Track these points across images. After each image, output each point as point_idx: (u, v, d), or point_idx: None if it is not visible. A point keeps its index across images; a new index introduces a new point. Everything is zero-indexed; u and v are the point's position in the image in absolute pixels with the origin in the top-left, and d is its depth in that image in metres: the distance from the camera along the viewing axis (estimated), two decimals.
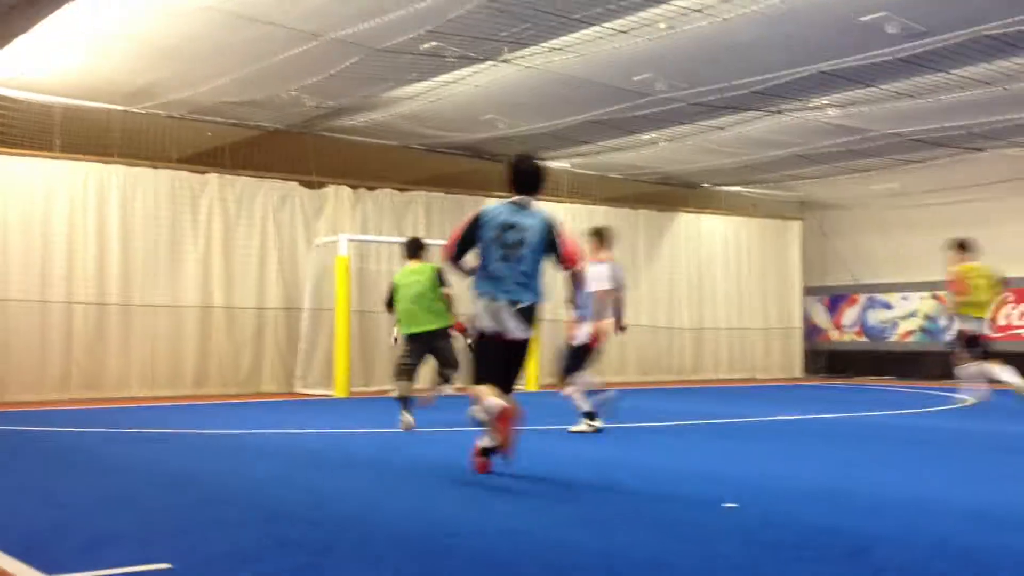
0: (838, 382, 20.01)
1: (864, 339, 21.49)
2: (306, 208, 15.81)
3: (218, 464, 7.43)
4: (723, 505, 5.59)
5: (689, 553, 4.42)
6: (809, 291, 22.05)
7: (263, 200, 15.40)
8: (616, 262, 9.93)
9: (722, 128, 14.81)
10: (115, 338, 14.12)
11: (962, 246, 13.52)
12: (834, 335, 21.97)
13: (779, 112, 13.76)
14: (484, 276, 6.61)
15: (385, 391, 13.89)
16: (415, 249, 10.22)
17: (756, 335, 21.05)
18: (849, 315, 21.72)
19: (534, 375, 16.37)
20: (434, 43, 10.68)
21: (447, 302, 9.87)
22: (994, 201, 18.82)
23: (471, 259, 6.69)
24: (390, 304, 10.09)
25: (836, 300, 21.95)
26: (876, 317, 21.29)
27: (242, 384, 15.01)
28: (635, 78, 11.98)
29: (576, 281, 7.05)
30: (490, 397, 6.33)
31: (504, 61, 11.41)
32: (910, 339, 20.70)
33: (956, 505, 5.64)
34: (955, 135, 15.00)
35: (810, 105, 13.39)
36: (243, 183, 15.26)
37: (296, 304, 15.52)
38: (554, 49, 10.96)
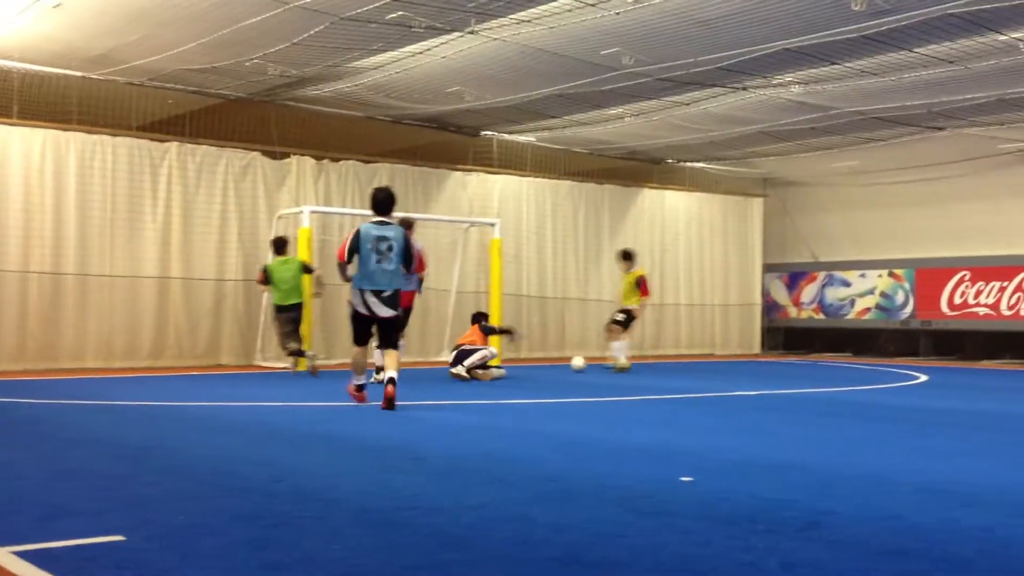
0: (795, 358, 20.24)
1: (822, 316, 21.73)
2: (268, 178, 15.65)
3: (175, 437, 7.38)
4: (679, 479, 5.65)
5: (645, 527, 4.46)
6: (769, 268, 22.23)
7: (224, 169, 15.23)
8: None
9: (687, 104, 14.83)
10: (71, 309, 13.94)
11: (628, 255, 15.54)
12: (792, 312, 22.19)
13: (744, 89, 13.80)
14: (363, 274, 9.22)
15: (344, 363, 13.83)
16: (283, 246, 13.84)
17: (716, 311, 21.22)
18: (808, 292, 21.94)
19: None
20: (401, 13, 10.58)
21: (306, 284, 13.81)
22: (952, 180, 19.06)
23: (351, 268, 9.28)
24: (265, 282, 13.69)
25: (795, 277, 22.16)
26: (834, 294, 21.52)
27: (200, 356, 14.89)
28: (602, 52, 11.95)
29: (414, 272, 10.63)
30: (359, 373, 9.39)
31: (471, 32, 11.33)
32: (867, 316, 20.96)
33: (908, 480, 5.73)
34: (916, 114, 15.13)
35: (774, 82, 13.44)
36: (204, 152, 15.08)
37: (255, 276, 15.36)
38: (522, 21, 10.89)
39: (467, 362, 13.01)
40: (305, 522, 4.46)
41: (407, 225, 11.95)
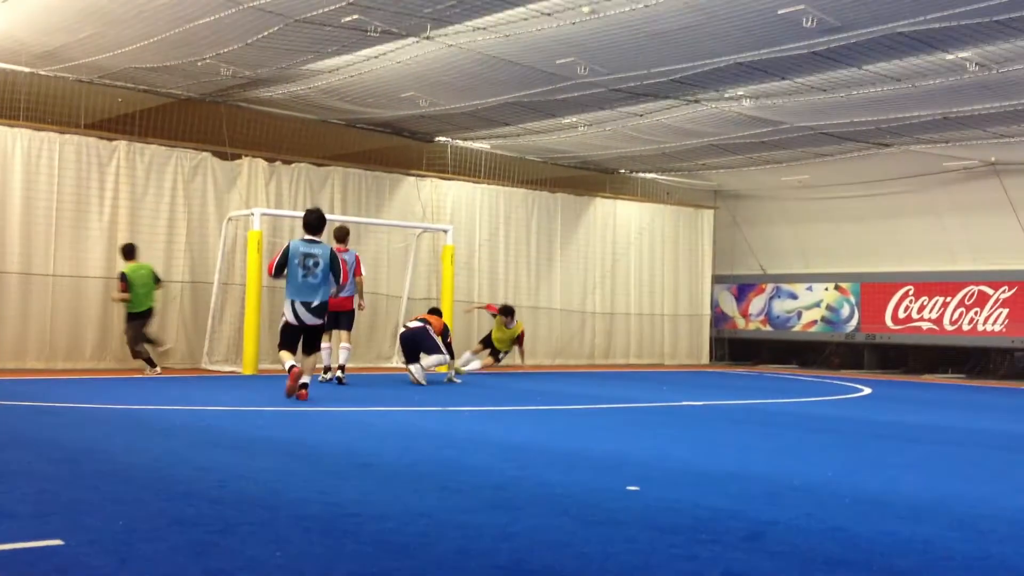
0: (742, 369, 20.44)
1: (769, 328, 21.98)
2: (219, 179, 15.48)
3: (117, 440, 7.27)
4: (626, 488, 5.67)
5: (591, 536, 4.47)
6: (718, 279, 22.45)
7: (174, 169, 15.04)
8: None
9: (641, 115, 14.95)
10: (13, 308, 13.67)
11: (509, 311, 15.63)
12: (740, 323, 22.43)
13: (696, 101, 13.93)
14: (291, 287, 10.23)
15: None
16: (132, 251, 13.89)
17: (666, 321, 21.37)
18: (756, 304, 22.18)
19: None
20: (356, 16, 10.54)
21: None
22: (899, 196, 19.40)
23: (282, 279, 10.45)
24: (126, 289, 13.54)
25: (744, 289, 22.40)
26: (781, 307, 21.78)
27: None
28: (558, 61, 12.01)
29: (338, 287, 10.91)
30: (288, 359, 10.14)
31: (427, 38, 11.32)
32: (813, 329, 21.23)
33: (849, 492, 5.81)
34: (864, 130, 15.39)
35: (726, 96, 13.59)
36: (153, 151, 14.89)
37: (203, 278, 15.20)
38: (478, 28, 10.91)
39: (426, 363, 12.95)
40: (248, 528, 4.41)
41: (343, 233, 12.89)
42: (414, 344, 12.97)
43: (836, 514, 5.13)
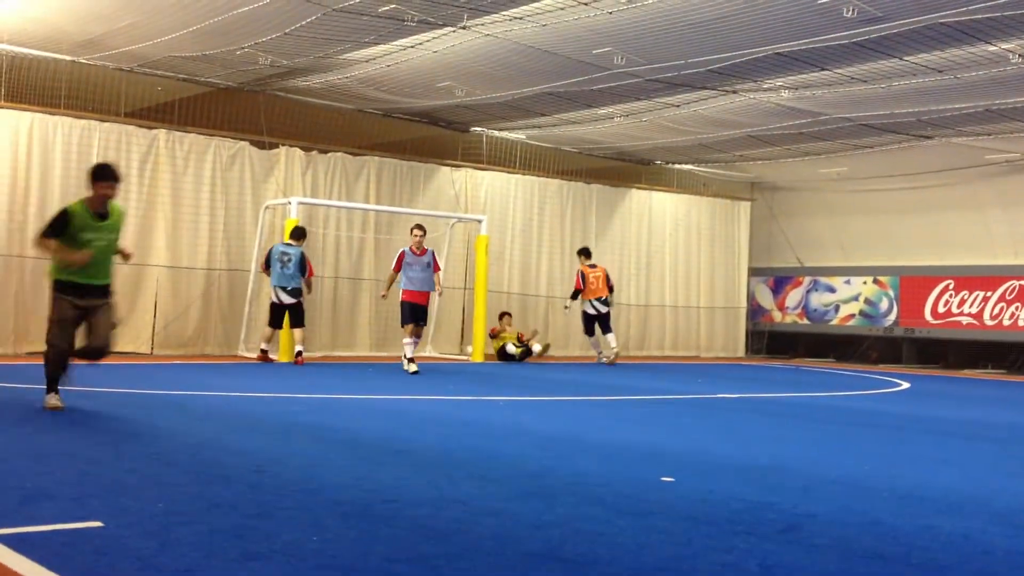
0: (778, 363, 20.30)
1: (806, 321, 21.80)
2: (256, 168, 15.57)
3: (158, 424, 7.35)
4: (661, 479, 5.66)
5: (626, 527, 4.46)
6: (755, 272, 22.28)
7: (212, 158, 15.15)
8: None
9: (677, 106, 14.85)
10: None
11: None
12: (777, 316, 22.26)
13: (734, 92, 13.82)
14: (274, 277, 13.80)
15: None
16: None
17: (701, 313, 21.25)
18: (793, 297, 22.01)
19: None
20: (393, 6, 10.55)
21: None
22: (938, 189, 19.14)
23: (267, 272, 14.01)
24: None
25: (781, 282, 22.23)
26: (819, 300, 21.60)
27: (185, 345, 14.81)
28: (594, 51, 11.95)
29: (309, 283, 14.31)
30: (264, 342, 14.05)
31: (463, 28, 11.31)
32: (851, 322, 21.04)
33: (886, 486, 5.76)
34: (904, 122, 15.20)
35: (764, 86, 13.46)
36: (192, 140, 15.00)
37: (240, 266, 15.31)
38: (514, 18, 10.88)
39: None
40: (285, 513, 4.44)
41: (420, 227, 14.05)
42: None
43: (874, 507, 5.09)
